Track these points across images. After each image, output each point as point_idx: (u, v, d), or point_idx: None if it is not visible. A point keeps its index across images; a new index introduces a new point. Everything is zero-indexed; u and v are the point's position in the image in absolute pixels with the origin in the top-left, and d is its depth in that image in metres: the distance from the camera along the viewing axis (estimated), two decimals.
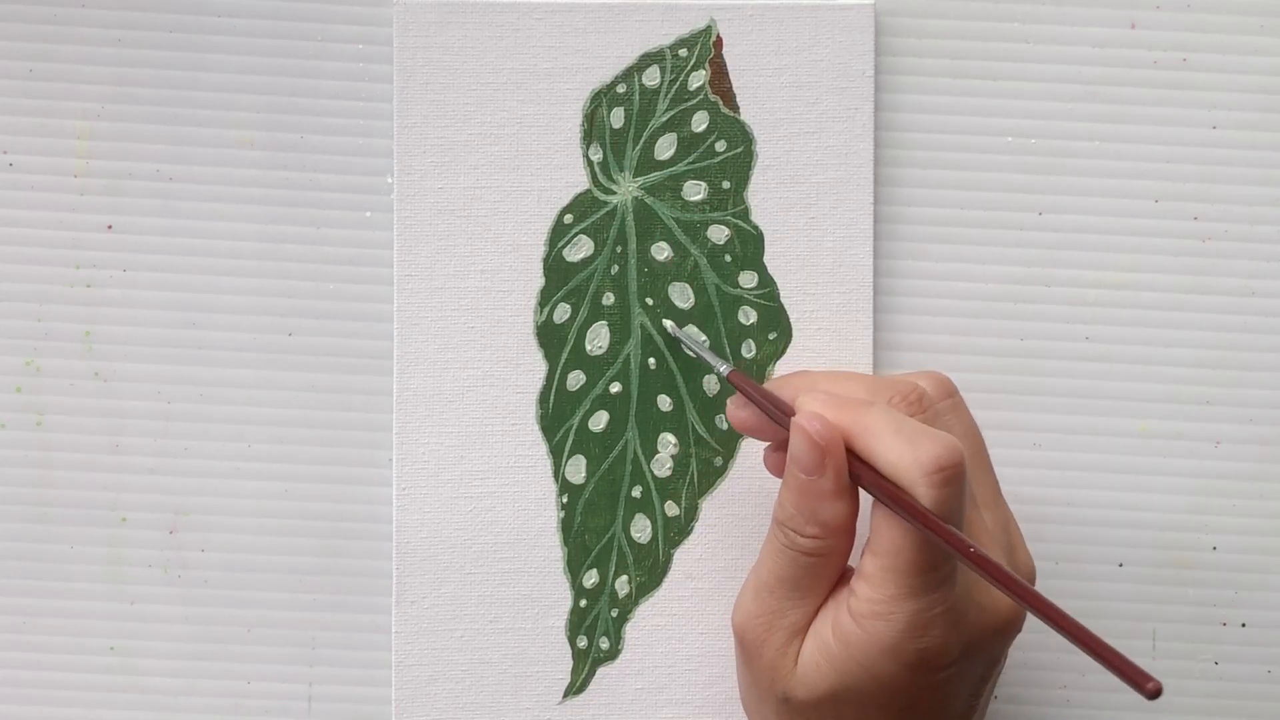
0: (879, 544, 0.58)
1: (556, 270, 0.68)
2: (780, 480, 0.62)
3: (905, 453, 0.57)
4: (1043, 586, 0.69)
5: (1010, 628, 0.60)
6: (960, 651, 0.58)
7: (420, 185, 0.68)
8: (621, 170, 0.68)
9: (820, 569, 0.60)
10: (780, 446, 0.63)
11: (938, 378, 0.62)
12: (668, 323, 0.68)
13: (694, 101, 0.68)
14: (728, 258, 0.68)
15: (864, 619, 0.58)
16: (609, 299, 0.68)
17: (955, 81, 0.69)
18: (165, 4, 0.68)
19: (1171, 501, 0.69)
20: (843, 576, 0.61)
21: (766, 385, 0.64)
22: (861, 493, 0.60)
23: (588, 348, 0.68)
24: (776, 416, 0.62)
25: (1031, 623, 0.69)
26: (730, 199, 0.68)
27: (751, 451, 0.68)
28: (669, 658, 0.68)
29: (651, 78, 0.68)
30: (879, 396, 0.61)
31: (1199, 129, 0.69)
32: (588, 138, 0.68)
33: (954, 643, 0.58)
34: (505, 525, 0.68)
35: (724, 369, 0.65)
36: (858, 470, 0.59)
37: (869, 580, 0.58)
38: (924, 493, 0.57)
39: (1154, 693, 0.51)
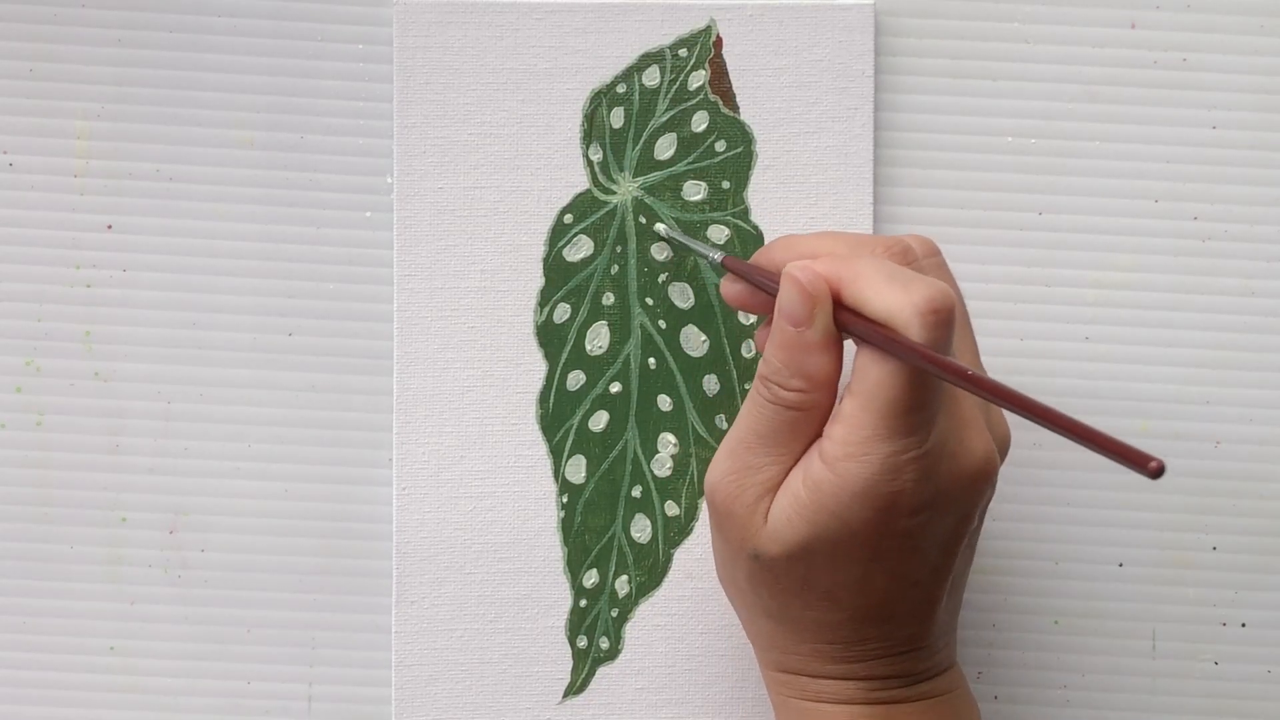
0: (861, 384, 0.57)
1: (556, 270, 0.68)
2: (738, 307, 0.63)
3: (898, 296, 0.57)
4: (1043, 586, 0.69)
5: (982, 478, 0.59)
6: (931, 498, 0.58)
7: (420, 185, 0.68)
8: (621, 170, 0.68)
9: (800, 424, 0.59)
10: (745, 293, 0.63)
11: (922, 238, 0.62)
12: (659, 226, 0.68)
13: (694, 101, 0.68)
14: None
15: (838, 461, 0.57)
16: (609, 299, 0.68)
17: (955, 81, 0.69)
18: (165, 4, 0.68)
19: (1171, 501, 0.69)
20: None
21: (756, 254, 0.64)
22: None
23: (588, 348, 0.68)
24: (768, 286, 0.61)
25: (1031, 624, 0.69)
26: (730, 199, 0.68)
27: None
28: (669, 658, 0.68)
29: (651, 78, 0.68)
30: (861, 251, 0.60)
31: (1199, 129, 0.69)
32: (588, 138, 0.68)
33: (926, 490, 0.57)
34: (505, 525, 0.68)
35: (717, 256, 0.64)
36: (846, 319, 0.58)
37: (845, 422, 0.58)
38: (917, 333, 0.56)
39: (1156, 471, 0.51)
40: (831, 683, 0.61)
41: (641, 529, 0.68)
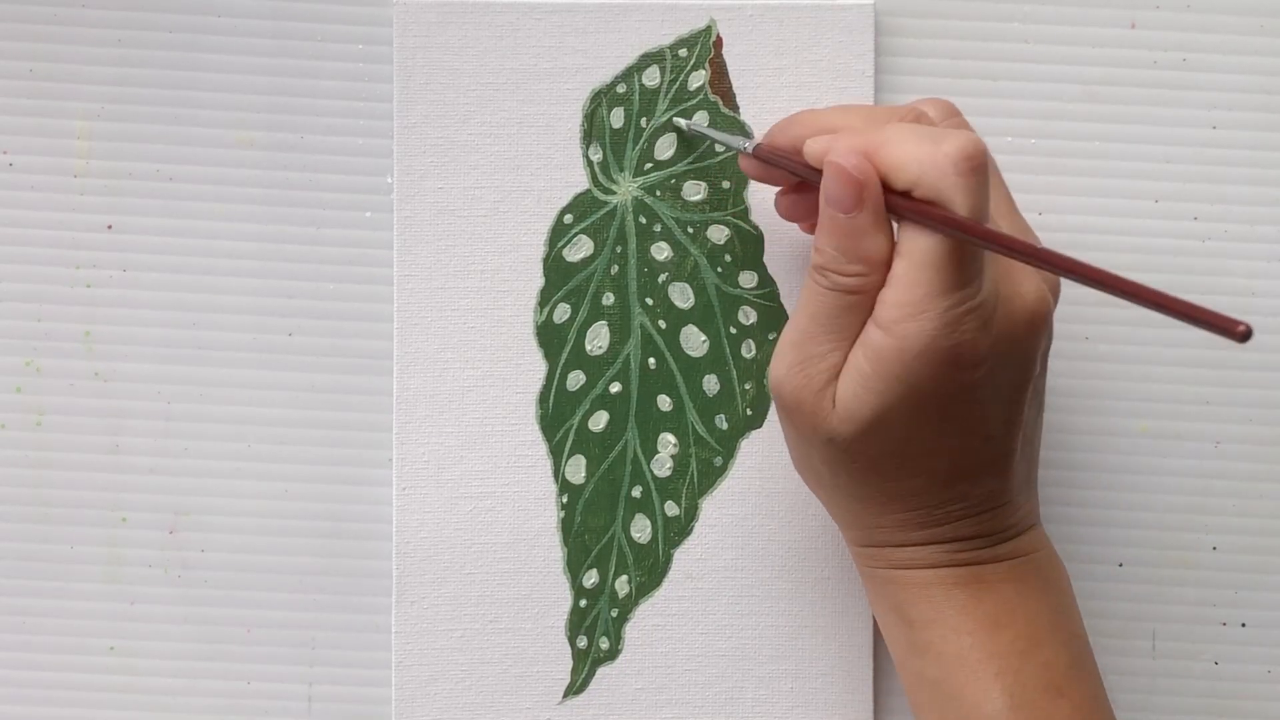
0: (909, 244, 0.58)
1: (556, 270, 0.68)
2: (783, 219, 0.63)
3: (929, 150, 0.57)
4: None
5: (1038, 319, 0.60)
6: (991, 348, 0.58)
7: (420, 185, 0.68)
8: (621, 170, 0.68)
9: (858, 306, 0.59)
10: (791, 190, 0.64)
11: (939, 101, 0.63)
12: (680, 121, 0.68)
13: (694, 101, 0.68)
14: (728, 258, 0.68)
15: (895, 324, 0.58)
16: (609, 299, 0.68)
17: (955, 81, 0.69)
18: (165, 4, 0.68)
19: (1171, 501, 0.69)
20: None
21: (772, 129, 0.64)
22: None
23: (588, 348, 0.68)
24: (800, 171, 0.62)
25: None
26: (730, 199, 0.68)
27: (752, 451, 0.68)
28: (669, 658, 0.68)
29: (651, 78, 0.68)
30: (879, 121, 0.61)
31: (1199, 129, 0.69)
32: (588, 138, 0.68)
33: (985, 340, 0.58)
34: (505, 525, 0.68)
35: (748, 145, 0.64)
36: (892, 202, 0.59)
37: (898, 285, 0.58)
38: (954, 182, 0.57)
39: (1244, 335, 0.51)
40: (917, 549, 0.61)
41: (641, 529, 0.68)
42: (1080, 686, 0.61)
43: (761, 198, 0.68)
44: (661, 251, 0.68)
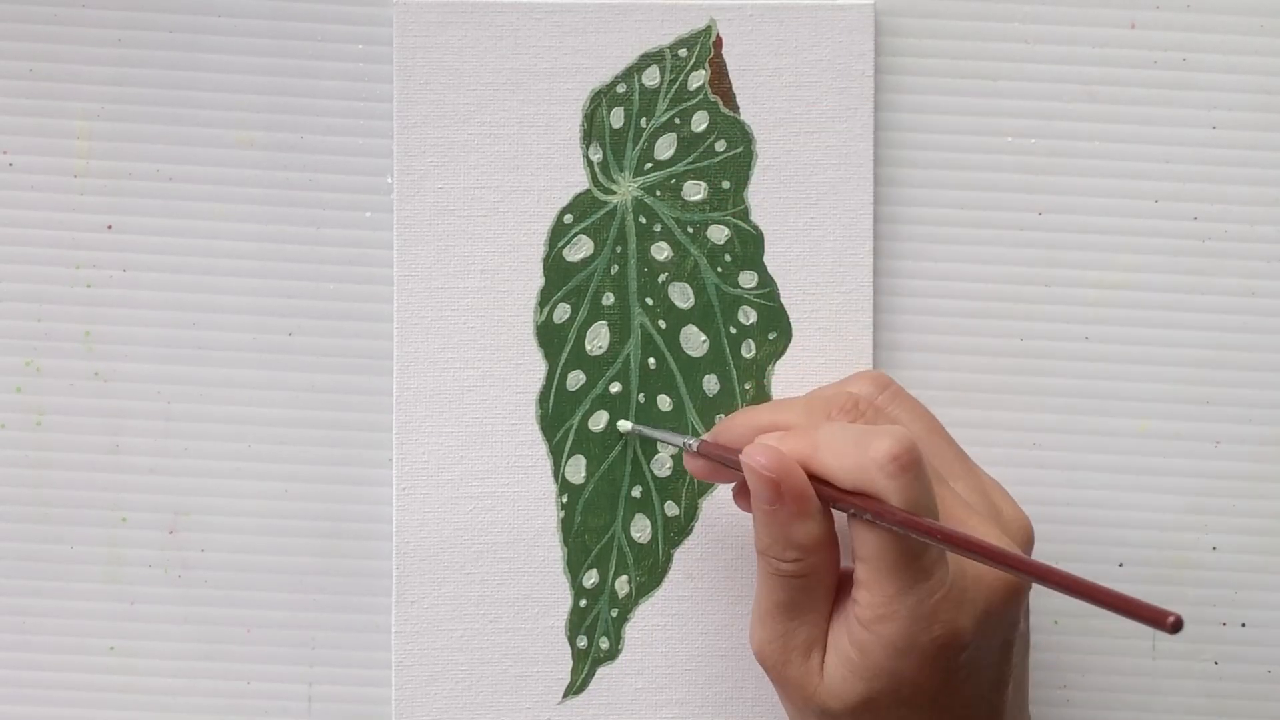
0: (862, 550, 0.58)
1: (556, 270, 0.68)
2: (749, 515, 0.63)
3: (856, 456, 0.58)
4: (1043, 586, 0.69)
5: (1016, 589, 0.60)
6: (973, 628, 0.58)
7: (420, 185, 0.68)
8: (621, 170, 0.68)
9: (811, 587, 0.60)
10: (743, 486, 0.64)
11: (870, 376, 0.64)
12: (622, 425, 0.68)
13: (694, 101, 0.68)
14: (728, 258, 0.68)
15: (872, 625, 0.58)
16: (609, 299, 0.68)
17: (955, 81, 0.69)
18: (165, 4, 0.68)
19: (1171, 501, 0.69)
20: (843, 582, 0.61)
21: (716, 429, 0.65)
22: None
23: (588, 348, 0.68)
24: (732, 463, 0.62)
25: (1031, 624, 0.69)
26: (730, 199, 0.68)
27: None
28: (669, 658, 0.68)
29: (651, 78, 0.68)
30: (816, 416, 0.62)
31: (1199, 129, 0.69)
32: (588, 138, 0.68)
33: (964, 622, 0.58)
34: (505, 525, 0.68)
35: (693, 443, 0.65)
36: (826, 493, 0.60)
37: (865, 586, 0.59)
38: (885, 484, 0.57)
39: (1175, 626, 0.51)
40: None
41: (641, 529, 0.68)
42: None
43: (761, 198, 0.68)
44: (661, 251, 0.68)
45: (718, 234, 0.68)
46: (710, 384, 0.68)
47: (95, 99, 0.68)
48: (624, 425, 0.68)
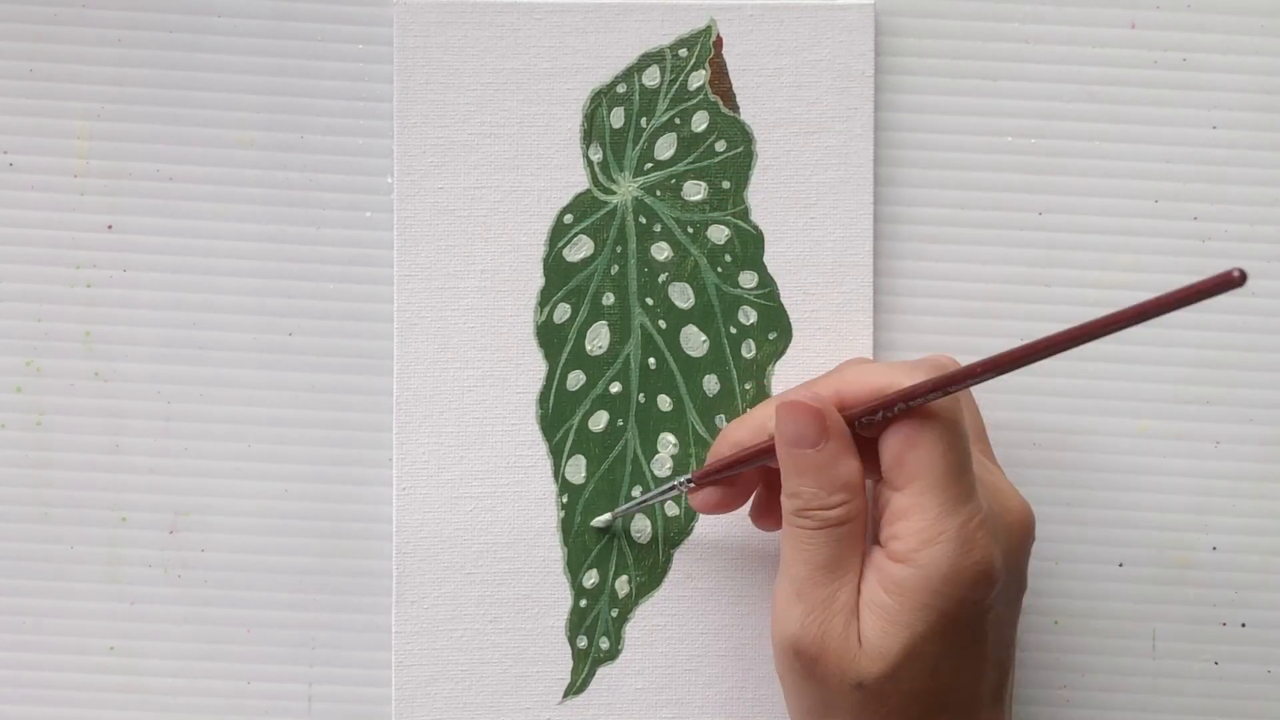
0: (904, 473, 0.58)
1: (556, 270, 0.68)
2: (770, 532, 0.64)
3: (904, 368, 0.59)
4: (1043, 586, 0.69)
5: (1029, 528, 0.61)
6: (1002, 561, 0.59)
7: (420, 185, 0.68)
8: (621, 170, 0.68)
9: (853, 536, 0.60)
10: (763, 503, 0.65)
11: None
12: (599, 520, 0.68)
13: (694, 101, 0.68)
14: (728, 258, 0.68)
15: (915, 553, 0.58)
16: (609, 299, 0.68)
17: (955, 81, 0.69)
18: (165, 4, 0.68)
19: (1171, 501, 0.69)
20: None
21: (708, 455, 0.65)
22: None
23: (588, 348, 0.68)
24: (748, 456, 0.62)
25: (1031, 624, 0.69)
26: (730, 199, 0.68)
27: None
28: (669, 658, 0.68)
29: (651, 78, 0.68)
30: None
31: (1199, 129, 0.69)
32: (588, 138, 0.68)
33: (998, 553, 0.59)
34: (505, 525, 0.68)
35: (686, 479, 0.65)
36: (861, 411, 0.60)
37: (906, 515, 0.58)
38: (925, 380, 0.58)
39: (1240, 278, 0.52)
40: None
41: (641, 529, 0.68)
42: None
43: (761, 198, 0.68)
44: (661, 251, 0.68)
45: (718, 234, 0.68)
46: (710, 384, 0.68)
47: (95, 99, 0.68)
48: (600, 520, 0.68)
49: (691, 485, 0.64)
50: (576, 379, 0.68)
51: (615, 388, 0.68)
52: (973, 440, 0.61)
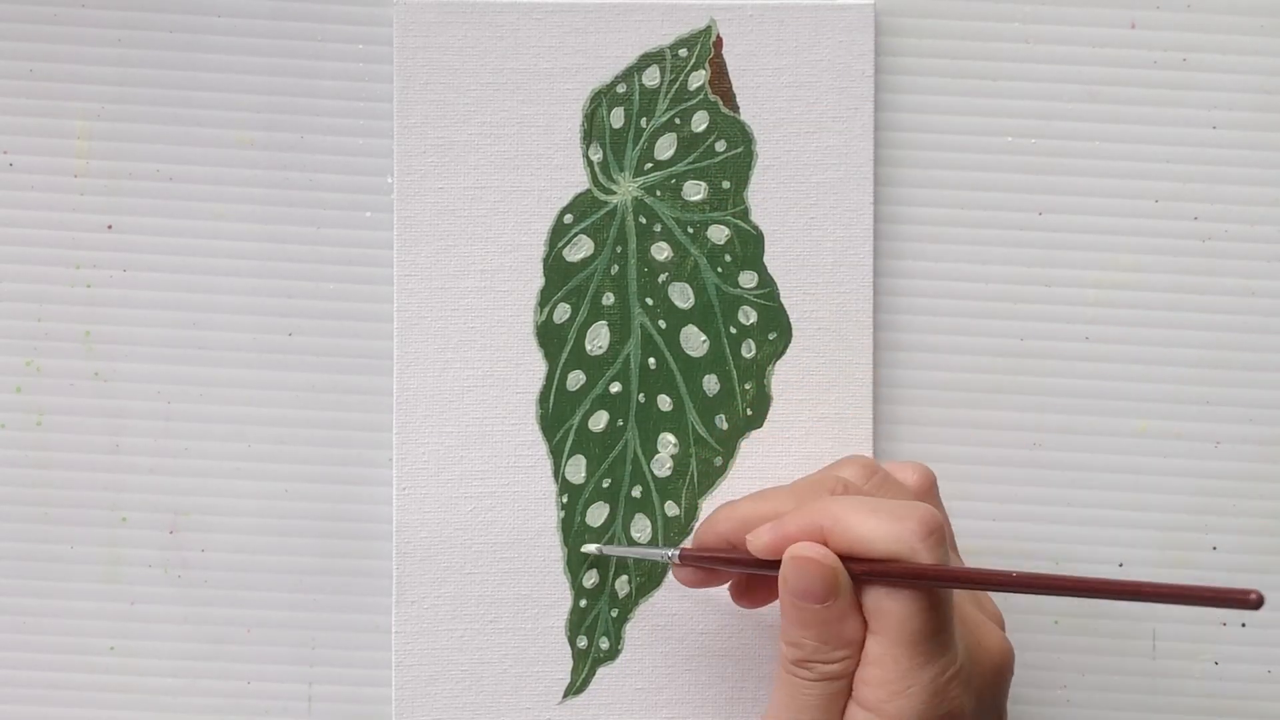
0: (882, 623, 0.58)
1: (556, 270, 0.68)
2: (741, 608, 0.64)
3: (891, 527, 0.58)
4: None
5: (1006, 669, 0.61)
6: (973, 708, 0.59)
7: (420, 185, 0.68)
8: (621, 170, 0.68)
9: (844, 690, 0.59)
10: (743, 583, 0.64)
11: (858, 462, 0.63)
12: (589, 546, 0.68)
13: (694, 101, 0.68)
14: (728, 258, 0.68)
15: (885, 704, 0.58)
16: (609, 299, 0.68)
17: (955, 81, 0.69)
18: (165, 4, 0.68)
19: (1171, 501, 0.69)
20: None
21: (698, 531, 0.64)
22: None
23: (588, 348, 0.68)
24: (735, 565, 0.62)
25: (1031, 624, 0.69)
26: (730, 199, 0.68)
27: (751, 451, 0.68)
28: (669, 658, 0.68)
29: (651, 78, 0.68)
30: (810, 496, 0.61)
31: (1199, 129, 0.69)
32: (588, 138, 0.68)
33: (968, 702, 0.59)
34: (505, 525, 0.68)
35: (671, 553, 0.64)
36: (855, 568, 0.59)
37: (879, 662, 0.58)
38: (926, 558, 0.57)
39: (1257, 602, 0.52)
40: None
41: (641, 529, 0.68)
42: None
43: (762, 198, 0.68)
44: (661, 251, 0.68)
45: (718, 234, 0.68)
46: (710, 384, 0.68)
47: (95, 99, 0.68)
48: (590, 547, 0.68)
49: (677, 562, 0.64)
50: (576, 379, 0.68)
51: (615, 388, 0.68)
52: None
